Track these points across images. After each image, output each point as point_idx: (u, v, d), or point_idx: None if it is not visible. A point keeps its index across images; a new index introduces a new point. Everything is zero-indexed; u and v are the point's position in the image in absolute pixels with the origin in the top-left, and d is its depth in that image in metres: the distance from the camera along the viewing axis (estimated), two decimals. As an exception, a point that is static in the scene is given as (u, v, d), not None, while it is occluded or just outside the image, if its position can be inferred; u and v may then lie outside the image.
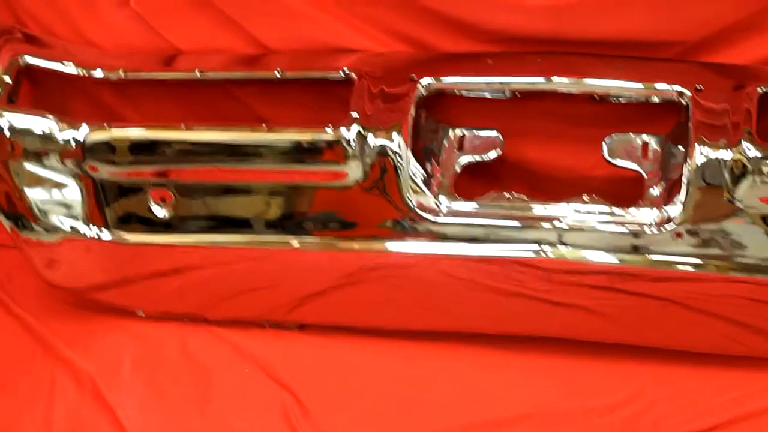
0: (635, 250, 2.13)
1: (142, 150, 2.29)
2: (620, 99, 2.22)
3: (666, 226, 2.11)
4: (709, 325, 2.21)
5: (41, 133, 2.30)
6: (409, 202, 2.20)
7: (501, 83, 2.23)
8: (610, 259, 2.14)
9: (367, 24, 2.35)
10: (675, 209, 2.11)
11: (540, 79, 2.21)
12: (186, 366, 2.39)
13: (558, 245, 2.16)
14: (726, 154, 2.07)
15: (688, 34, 2.22)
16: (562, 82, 2.20)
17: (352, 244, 2.26)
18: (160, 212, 2.34)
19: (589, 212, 2.18)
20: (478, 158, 2.28)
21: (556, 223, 2.17)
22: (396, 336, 2.37)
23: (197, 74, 2.36)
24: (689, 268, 2.12)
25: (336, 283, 2.31)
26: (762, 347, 2.24)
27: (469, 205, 2.22)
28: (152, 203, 2.33)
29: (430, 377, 2.32)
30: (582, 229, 2.16)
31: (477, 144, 2.30)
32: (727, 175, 2.07)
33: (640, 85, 2.18)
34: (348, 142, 2.19)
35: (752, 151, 2.05)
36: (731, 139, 2.08)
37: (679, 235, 2.11)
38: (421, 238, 2.21)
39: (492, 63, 2.26)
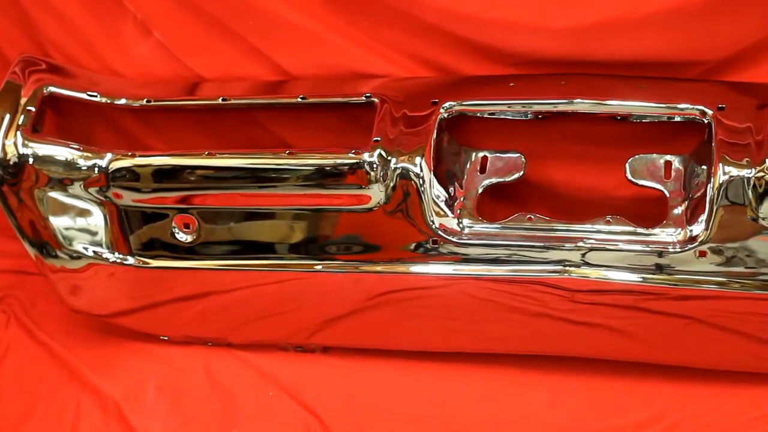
0: (659, 269, 2.13)
1: (165, 177, 2.31)
2: (643, 119, 2.23)
3: (689, 245, 2.11)
4: (733, 342, 2.20)
5: (65, 162, 2.32)
6: (432, 225, 2.20)
7: (523, 105, 2.24)
8: (633, 278, 2.14)
9: (389, 49, 2.36)
10: (698, 228, 2.11)
11: (562, 101, 2.21)
12: (210, 390, 2.40)
13: (581, 265, 2.16)
14: (749, 173, 2.06)
15: (712, 53, 2.23)
16: (584, 103, 2.20)
17: (375, 267, 2.26)
18: (184, 238, 2.35)
19: (612, 232, 2.19)
20: (500, 180, 2.29)
21: (579, 243, 2.17)
22: (420, 357, 2.38)
23: (220, 101, 2.38)
24: (713, 287, 2.12)
25: (359, 306, 2.32)
26: (771, 362, 2.25)
27: (492, 227, 2.23)
28: (176, 229, 2.35)
29: (455, 398, 2.32)
30: (605, 249, 2.16)
31: (499, 166, 2.30)
32: (750, 194, 2.07)
33: (662, 105, 2.19)
34: (371, 165, 2.20)
35: (775, 169, 2.07)
36: (754, 158, 2.07)
37: (702, 254, 2.11)
38: (445, 261, 2.22)
39: (514, 85, 2.27)
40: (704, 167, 2.15)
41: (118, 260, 2.38)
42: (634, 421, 2.24)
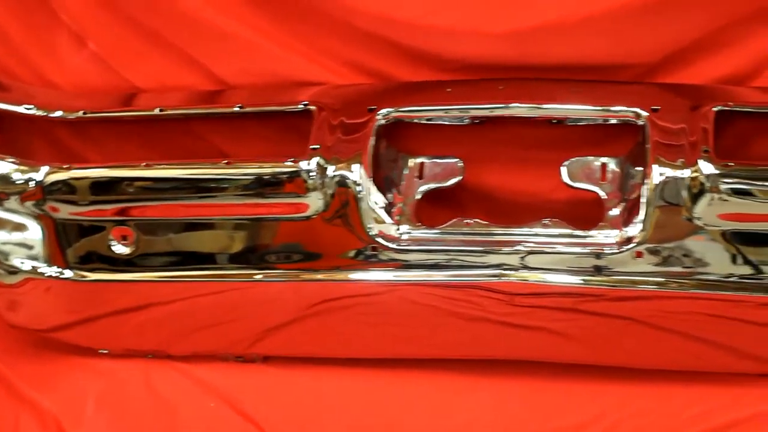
0: (597, 271, 2.14)
1: (102, 189, 2.29)
2: (579, 122, 2.24)
3: (626, 246, 2.12)
4: (671, 342, 2.21)
5: (0, 176, 2.30)
6: (371, 232, 2.20)
7: (460, 111, 2.25)
8: (572, 280, 2.15)
9: (326, 57, 2.36)
10: (635, 229, 2.12)
11: (499, 106, 2.22)
12: (151, 403, 2.37)
13: (520, 269, 2.16)
14: (684, 173, 2.09)
15: (646, 56, 2.26)
16: (521, 108, 2.22)
17: (315, 275, 2.25)
18: (122, 250, 2.33)
19: (549, 235, 2.19)
20: (438, 185, 2.29)
21: (517, 247, 2.17)
22: (361, 365, 2.36)
23: (157, 112, 2.36)
24: (651, 287, 2.13)
25: (300, 315, 2.30)
26: (723, 362, 2.25)
27: (431, 233, 2.23)
28: (113, 241, 2.33)
29: (397, 405, 2.32)
30: (543, 252, 2.16)
31: (437, 171, 2.30)
32: (685, 194, 2.09)
33: (597, 108, 2.20)
34: (308, 174, 2.20)
35: (709, 169, 2.08)
36: (689, 158, 2.10)
37: (639, 254, 2.12)
38: (384, 267, 2.21)
39: (451, 91, 2.28)
40: (640, 169, 2.16)
41: (56, 274, 2.35)
42: (575, 423, 2.24)
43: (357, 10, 2.29)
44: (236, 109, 2.33)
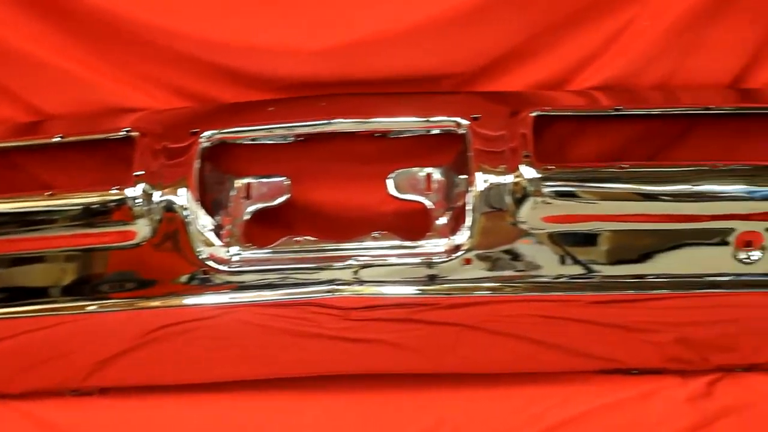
0: (429, 280, 2.16)
1: (-75, 228, 2.23)
2: (402, 134, 2.26)
3: (454, 254, 2.15)
4: (506, 345, 2.25)
5: None
6: (201, 255, 2.19)
7: (284, 129, 2.25)
8: (405, 291, 2.16)
9: (147, 83, 2.34)
10: (462, 237, 2.15)
11: (322, 122, 2.24)
12: (-13, 445, 2.32)
13: (353, 283, 2.17)
14: (506, 179, 2.13)
15: (463, 66, 2.30)
16: (344, 123, 2.23)
17: (150, 303, 2.21)
18: (-51, 288, 2.27)
19: (380, 248, 2.21)
20: (266, 205, 2.29)
21: (349, 261, 2.18)
22: (200, 390, 2.34)
23: (-25, 146, 2.32)
24: (484, 293, 2.16)
25: (136, 343, 2.27)
26: (555, 361, 2.29)
27: (261, 253, 2.22)
28: (-60, 280, 2.27)
29: (235, 428, 2.30)
30: (374, 265, 2.18)
31: (264, 191, 2.30)
32: (509, 199, 2.13)
33: (419, 119, 2.23)
34: (134, 200, 2.18)
35: (530, 174, 2.12)
36: (510, 164, 2.14)
37: (468, 261, 2.15)
38: (218, 290, 2.19)
39: (274, 110, 2.28)
40: (464, 177, 2.19)
41: None
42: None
43: (175, 34, 2.28)
44: (57, 139, 2.29)
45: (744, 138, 2.33)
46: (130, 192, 2.18)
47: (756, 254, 2.16)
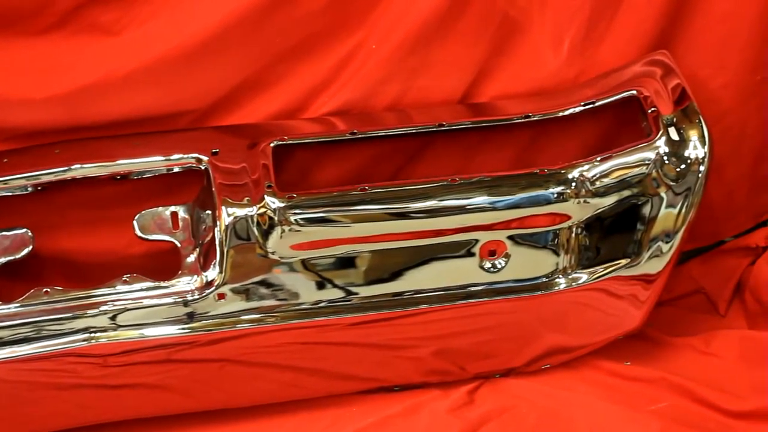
0: (187, 318, 2.16)
1: None
2: (144, 175, 2.24)
3: (208, 290, 2.16)
4: (269, 376, 2.27)
5: None
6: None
7: (20, 179, 2.20)
8: (161, 332, 2.15)
9: None
10: (213, 272, 2.16)
11: (59, 169, 2.20)
12: None
13: (108, 329, 2.14)
14: (251, 210, 2.14)
15: (195, 102, 2.30)
16: (82, 168, 2.20)
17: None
18: None
19: (133, 290, 2.20)
20: (10, 258, 2.23)
21: (103, 307, 2.16)
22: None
23: None
24: (242, 326, 2.17)
25: None
26: (320, 387, 2.32)
27: (10, 308, 2.17)
28: None
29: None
30: (128, 308, 2.15)
31: (6, 244, 2.23)
32: (256, 231, 2.14)
33: (159, 159, 2.22)
34: None
35: (275, 204, 2.14)
36: (254, 196, 2.15)
37: (222, 296, 2.15)
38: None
39: (8, 161, 2.22)
40: (209, 212, 2.20)
41: None
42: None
43: None
44: None
45: (478, 150, 2.42)
46: None
47: (500, 262, 2.25)
